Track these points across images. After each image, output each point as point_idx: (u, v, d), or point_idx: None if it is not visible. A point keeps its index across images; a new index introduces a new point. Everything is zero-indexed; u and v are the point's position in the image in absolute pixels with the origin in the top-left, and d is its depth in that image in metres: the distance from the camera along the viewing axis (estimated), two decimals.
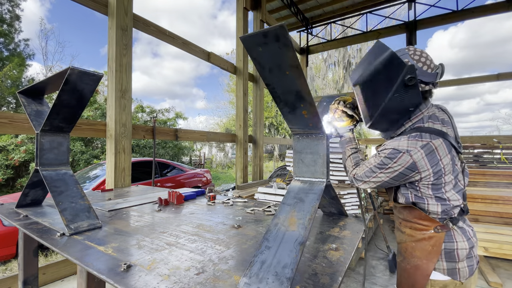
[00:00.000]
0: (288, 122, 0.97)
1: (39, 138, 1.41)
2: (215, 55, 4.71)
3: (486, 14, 5.82)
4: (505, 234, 3.05)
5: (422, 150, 0.97)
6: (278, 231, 0.82)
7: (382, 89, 0.99)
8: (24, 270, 1.62)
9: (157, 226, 1.23)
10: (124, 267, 0.80)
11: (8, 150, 7.57)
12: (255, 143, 5.86)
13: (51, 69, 15.86)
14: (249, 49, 0.73)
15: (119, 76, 2.95)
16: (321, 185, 0.97)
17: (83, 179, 4.87)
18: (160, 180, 5.60)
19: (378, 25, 7.15)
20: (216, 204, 1.71)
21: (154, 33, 3.58)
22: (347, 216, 1.36)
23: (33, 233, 1.17)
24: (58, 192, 1.31)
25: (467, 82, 7.17)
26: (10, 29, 12.69)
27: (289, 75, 0.75)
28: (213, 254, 0.92)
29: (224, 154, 21.36)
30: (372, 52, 1.03)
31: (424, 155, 0.97)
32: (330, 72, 21.23)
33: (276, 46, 0.69)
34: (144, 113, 11.83)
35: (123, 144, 2.98)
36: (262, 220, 1.35)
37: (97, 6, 2.88)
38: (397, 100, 0.98)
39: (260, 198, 3.46)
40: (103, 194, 2.10)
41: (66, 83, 1.20)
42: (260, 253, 0.76)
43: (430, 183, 1.01)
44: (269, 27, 0.65)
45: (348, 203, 3.23)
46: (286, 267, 0.70)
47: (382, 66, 0.97)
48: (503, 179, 3.66)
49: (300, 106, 0.86)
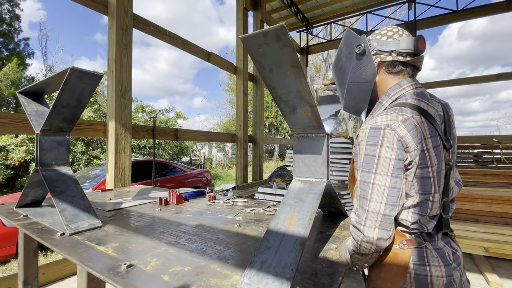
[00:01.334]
0: (288, 122, 0.97)
1: (39, 138, 1.41)
2: (215, 55, 4.71)
3: (486, 14, 5.82)
4: (505, 234, 3.05)
5: (404, 125, 0.78)
6: (278, 231, 0.82)
7: (345, 66, 0.99)
8: (24, 270, 1.62)
9: (157, 226, 1.23)
10: (124, 267, 0.80)
11: (8, 150, 7.57)
12: (255, 143, 5.86)
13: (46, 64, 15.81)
14: (249, 49, 0.73)
15: (119, 76, 2.95)
16: (321, 185, 0.97)
17: (83, 179, 4.87)
18: (160, 180, 5.60)
19: (378, 25, 7.15)
20: (216, 204, 1.71)
21: (154, 33, 3.58)
22: (347, 216, 1.36)
23: (33, 233, 1.17)
24: (58, 192, 1.31)
25: (467, 82, 7.17)
26: (10, 29, 12.70)
27: (289, 75, 0.75)
28: (213, 254, 0.92)
29: (224, 154, 21.36)
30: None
31: (407, 130, 0.78)
32: (330, 72, 21.21)
33: (277, 46, 0.69)
34: (144, 113, 11.83)
35: (123, 144, 2.98)
36: (262, 220, 1.35)
37: (97, 6, 2.88)
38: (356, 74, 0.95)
39: (260, 198, 3.46)
40: (103, 194, 2.10)
41: (66, 83, 1.21)
42: (260, 253, 0.76)
43: (415, 170, 0.79)
44: (269, 27, 0.65)
45: (348, 203, 3.22)
46: (286, 267, 0.70)
47: (342, 44, 1.00)
48: (503, 179, 3.66)
49: (300, 106, 0.86)
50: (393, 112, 0.82)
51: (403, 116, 0.80)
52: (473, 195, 3.47)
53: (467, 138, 6.05)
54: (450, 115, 0.93)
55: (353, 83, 0.96)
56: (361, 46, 0.89)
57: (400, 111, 0.82)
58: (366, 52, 0.89)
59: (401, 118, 0.80)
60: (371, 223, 0.77)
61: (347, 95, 0.99)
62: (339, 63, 1.03)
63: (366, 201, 0.78)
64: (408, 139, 0.77)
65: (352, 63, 0.94)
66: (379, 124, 0.80)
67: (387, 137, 0.78)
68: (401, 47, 0.89)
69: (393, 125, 0.79)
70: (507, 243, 3.01)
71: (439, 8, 6.18)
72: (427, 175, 0.80)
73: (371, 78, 0.91)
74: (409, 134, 0.78)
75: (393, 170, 0.77)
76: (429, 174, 0.80)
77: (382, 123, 0.80)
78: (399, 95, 0.90)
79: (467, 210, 3.53)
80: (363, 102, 0.97)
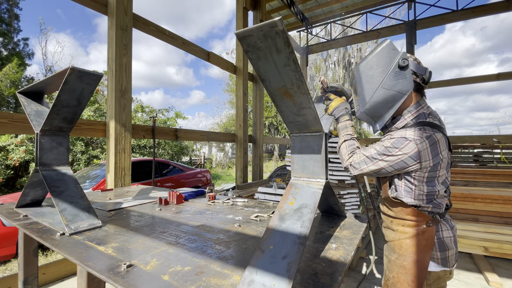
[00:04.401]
0: (285, 120, 0.97)
1: (39, 138, 1.41)
2: (215, 54, 4.71)
3: (486, 14, 5.81)
4: (505, 234, 3.05)
5: (427, 141, 1.03)
6: (278, 230, 0.82)
7: (378, 72, 1.11)
8: (24, 270, 1.63)
9: (157, 226, 1.23)
10: (124, 267, 0.81)
11: (8, 150, 7.57)
12: (255, 143, 5.86)
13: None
14: (244, 45, 0.73)
15: (119, 76, 2.95)
16: (320, 185, 0.97)
17: (83, 179, 4.87)
18: (160, 180, 5.60)
19: (378, 24, 7.14)
20: (216, 204, 1.71)
21: (154, 33, 3.58)
22: (346, 216, 1.36)
23: (33, 233, 1.17)
24: (58, 192, 1.31)
25: (467, 82, 7.16)
26: (9, 28, 12.68)
27: (285, 71, 0.75)
28: (213, 254, 0.92)
29: (224, 154, 21.35)
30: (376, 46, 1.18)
31: (428, 146, 1.03)
32: (330, 71, 21.20)
33: (273, 41, 0.69)
34: (143, 113, 11.80)
35: (123, 144, 2.98)
36: (262, 220, 1.35)
37: (97, 6, 2.88)
38: (391, 83, 1.09)
39: (260, 198, 3.46)
40: (103, 194, 2.10)
41: (66, 83, 1.20)
42: (260, 252, 0.76)
43: (426, 175, 1.06)
44: (265, 22, 0.64)
45: (348, 203, 3.23)
46: (287, 267, 0.70)
47: (380, 51, 1.12)
48: (503, 179, 3.66)
49: (298, 104, 0.86)
50: (418, 130, 1.06)
51: (427, 134, 1.05)
52: (473, 195, 3.47)
53: (467, 137, 6.04)
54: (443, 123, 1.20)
55: (385, 89, 1.10)
56: (406, 60, 1.07)
57: (424, 130, 1.06)
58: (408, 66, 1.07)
59: (425, 135, 1.04)
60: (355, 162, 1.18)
61: (375, 99, 1.12)
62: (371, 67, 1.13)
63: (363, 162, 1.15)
64: (424, 154, 1.03)
65: (389, 71, 1.09)
66: (407, 137, 1.05)
67: (408, 147, 1.04)
68: (426, 75, 1.14)
69: (417, 140, 1.03)
70: (507, 242, 3.02)
71: (439, 8, 6.17)
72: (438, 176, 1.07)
73: (406, 90, 1.09)
74: (429, 149, 1.03)
75: (394, 164, 1.07)
76: (440, 176, 1.08)
77: (410, 136, 1.05)
78: (419, 113, 1.13)
79: (467, 209, 3.53)
80: (388, 110, 1.13)
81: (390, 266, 1.20)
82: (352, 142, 1.26)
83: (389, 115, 1.13)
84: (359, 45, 18.98)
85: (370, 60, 1.13)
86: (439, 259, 1.11)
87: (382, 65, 1.10)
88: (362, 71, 1.15)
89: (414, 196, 1.10)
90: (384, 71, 1.10)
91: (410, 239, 1.12)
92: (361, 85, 1.15)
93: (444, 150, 1.06)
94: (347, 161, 1.22)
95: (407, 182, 1.11)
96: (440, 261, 1.11)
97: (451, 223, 1.17)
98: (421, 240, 1.10)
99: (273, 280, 0.68)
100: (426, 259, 1.10)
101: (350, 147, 1.24)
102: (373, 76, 1.12)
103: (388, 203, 1.22)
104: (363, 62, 1.15)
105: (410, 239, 1.13)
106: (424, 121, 1.10)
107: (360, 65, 1.16)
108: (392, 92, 1.09)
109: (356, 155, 1.18)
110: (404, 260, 1.14)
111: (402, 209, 1.14)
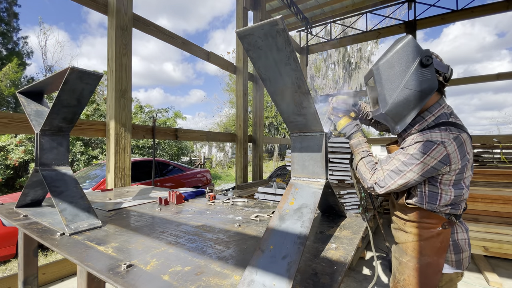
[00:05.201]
0: (285, 120, 0.97)
1: (39, 138, 1.41)
2: (215, 54, 4.71)
3: (486, 13, 5.82)
4: (505, 234, 3.05)
5: (455, 142, 0.97)
6: (278, 230, 0.82)
7: (400, 71, 1.03)
8: (24, 270, 1.62)
9: (157, 226, 1.23)
10: (124, 267, 0.80)
11: (8, 150, 7.57)
12: (255, 143, 5.86)
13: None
14: (245, 44, 0.73)
15: (119, 76, 2.95)
16: (320, 185, 0.97)
17: (83, 179, 4.87)
18: (160, 180, 5.60)
19: (378, 24, 7.14)
20: (216, 204, 1.71)
21: (154, 32, 3.58)
22: (346, 216, 1.36)
23: (33, 233, 1.17)
24: (58, 192, 1.31)
25: (467, 82, 7.16)
26: (8, 28, 12.67)
27: (286, 70, 0.75)
28: (213, 254, 0.92)
29: (224, 154, 21.36)
30: (394, 42, 1.09)
31: (456, 147, 0.97)
32: (330, 71, 21.20)
33: (273, 40, 0.68)
34: (143, 114, 11.72)
35: (123, 143, 2.98)
36: (262, 220, 1.35)
37: (97, 6, 2.88)
38: (414, 82, 1.01)
39: (260, 198, 3.46)
40: (103, 194, 2.10)
41: (65, 83, 1.20)
42: (260, 252, 0.76)
43: (454, 178, 1.01)
44: (266, 20, 0.64)
45: (348, 203, 3.22)
46: (287, 266, 0.70)
47: (402, 48, 1.03)
48: (503, 179, 3.66)
49: (298, 103, 0.86)
50: (444, 131, 0.99)
51: (453, 135, 0.98)
52: (473, 195, 3.47)
53: None
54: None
55: (408, 89, 1.02)
56: (430, 58, 0.99)
57: (450, 130, 0.99)
58: (432, 64, 1.00)
59: (452, 136, 0.98)
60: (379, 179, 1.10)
61: (397, 99, 1.04)
62: (392, 65, 1.05)
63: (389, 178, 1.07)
64: (453, 156, 0.97)
65: (411, 70, 1.01)
66: (434, 139, 0.98)
67: (436, 151, 0.97)
68: (448, 73, 1.07)
69: (446, 142, 0.97)
70: (507, 242, 3.02)
71: (439, 8, 6.17)
72: (464, 177, 1.03)
73: (430, 90, 1.01)
74: (458, 150, 0.97)
75: (424, 172, 1.01)
76: (466, 177, 1.04)
77: (437, 138, 0.98)
78: (440, 113, 1.06)
79: (467, 209, 3.52)
80: (411, 111, 1.05)
81: (400, 269, 1.16)
82: (370, 158, 1.19)
83: (412, 116, 1.05)
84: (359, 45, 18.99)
85: (391, 57, 1.04)
86: (453, 262, 1.08)
87: (404, 63, 1.02)
88: (382, 70, 1.06)
89: (439, 201, 1.04)
90: (406, 70, 1.02)
91: (425, 241, 1.09)
92: (381, 85, 1.07)
93: (471, 150, 1.02)
94: (370, 179, 1.13)
95: (432, 187, 1.04)
96: (454, 264, 1.09)
97: (465, 226, 1.13)
98: (436, 242, 1.07)
99: (273, 280, 0.68)
100: (440, 261, 1.07)
101: (369, 164, 1.17)
102: (394, 75, 1.04)
103: (401, 207, 1.17)
104: (383, 60, 1.06)
105: (424, 241, 1.09)
106: (447, 121, 1.03)
107: (379, 63, 1.07)
108: (415, 92, 1.01)
109: (378, 172, 1.10)
110: (417, 263, 1.10)
111: (418, 212, 1.09)
